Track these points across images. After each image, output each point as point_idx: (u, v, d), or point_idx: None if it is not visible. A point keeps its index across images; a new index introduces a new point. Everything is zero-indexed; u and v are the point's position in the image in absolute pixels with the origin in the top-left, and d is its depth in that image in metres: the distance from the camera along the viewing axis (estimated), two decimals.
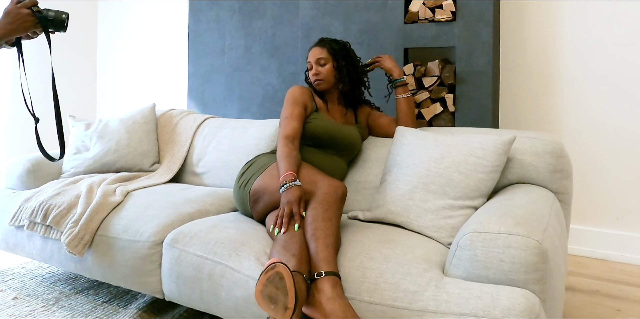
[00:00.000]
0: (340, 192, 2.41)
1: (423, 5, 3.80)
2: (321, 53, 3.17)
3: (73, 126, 4.02)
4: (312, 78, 3.20)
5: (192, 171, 3.90)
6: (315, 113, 3.12)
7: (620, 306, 3.09)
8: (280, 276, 1.82)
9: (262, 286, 1.87)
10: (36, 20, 2.35)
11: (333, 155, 3.07)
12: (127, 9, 6.54)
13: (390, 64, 3.29)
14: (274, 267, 1.86)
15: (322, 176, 2.54)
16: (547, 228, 1.98)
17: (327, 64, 3.17)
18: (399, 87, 3.24)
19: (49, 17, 2.36)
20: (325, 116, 3.15)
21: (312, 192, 2.44)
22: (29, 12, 2.32)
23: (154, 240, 2.69)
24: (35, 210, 3.13)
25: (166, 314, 2.96)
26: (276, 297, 1.81)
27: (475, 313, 1.75)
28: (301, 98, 3.09)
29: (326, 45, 3.21)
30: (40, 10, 2.35)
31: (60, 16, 2.38)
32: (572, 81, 4.01)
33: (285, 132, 2.89)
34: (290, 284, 1.79)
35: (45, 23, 2.36)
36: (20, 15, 2.31)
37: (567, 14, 4.00)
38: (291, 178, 2.53)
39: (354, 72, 3.24)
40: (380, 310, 1.93)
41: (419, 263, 2.06)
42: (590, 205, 3.99)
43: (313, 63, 3.18)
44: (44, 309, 3.03)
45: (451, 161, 2.53)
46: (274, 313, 1.81)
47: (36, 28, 2.38)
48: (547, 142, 2.68)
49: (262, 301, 1.86)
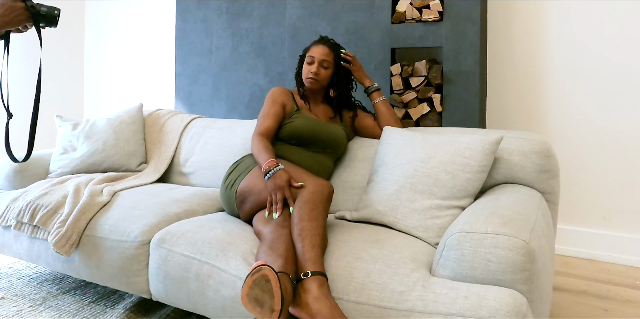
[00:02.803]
0: (326, 191, 2.41)
1: (410, 5, 3.79)
2: (328, 56, 3.16)
3: (60, 126, 4.00)
4: (309, 75, 3.16)
5: (179, 171, 3.88)
6: (296, 112, 3.13)
7: (607, 306, 3.10)
8: (267, 279, 1.81)
9: (249, 289, 1.86)
10: (29, 15, 2.31)
11: (318, 154, 3.07)
12: (115, 8, 6.51)
13: (360, 74, 3.30)
14: (259, 270, 1.85)
15: (308, 176, 2.54)
16: (534, 228, 1.97)
17: (329, 69, 3.19)
18: (373, 93, 3.26)
19: (41, 12, 2.33)
20: (307, 114, 3.17)
21: (296, 191, 2.44)
22: (24, 5, 2.29)
23: (141, 240, 2.68)
24: (23, 210, 3.11)
25: (153, 314, 2.95)
26: (262, 299, 1.81)
27: (462, 313, 1.74)
28: (280, 98, 3.15)
29: (334, 49, 3.21)
30: (34, 5, 2.32)
31: (52, 11, 2.36)
32: (559, 81, 4.02)
33: (258, 130, 3.00)
34: (277, 287, 1.78)
35: (38, 18, 2.34)
36: (14, 9, 2.27)
37: (553, 14, 4.01)
38: (274, 164, 2.60)
39: (347, 80, 3.29)
40: (368, 310, 1.92)
41: (406, 263, 2.05)
42: (578, 205, 4.00)
43: (316, 61, 3.15)
44: (31, 309, 3.01)
45: (438, 161, 2.52)
46: (261, 316, 1.80)
47: (28, 22, 2.35)
48: (534, 142, 2.68)
49: (248, 303, 1.85)
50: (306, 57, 3.21)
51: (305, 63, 3.21)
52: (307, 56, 3.21)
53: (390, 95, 3.87)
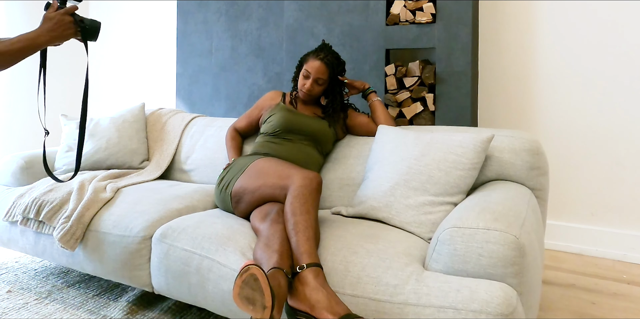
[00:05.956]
0: (314, 183, 2.40)
1: (404, 8, 3.79)
2: (324, 74, 3.15)
3: (65, 125, 3.99)
4: (303, 88, 3.19)
5: (180, 169, 3.88)
6: (277, 106, 3.30)
7: (595, 299, 3.10)
8: (255, 278, 1.81)
9: (239, 289, 1.86)
10: (78, 29, 2.26)
11: (303, 145, 3.10)
12: (117, 10, 6.49)
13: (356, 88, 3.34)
14: (247, 269, 1.85)
15: (296, 170, 2.53)
16: (524, 223, 1.98)
17: (323, 85, 3.20)
18: (369, 95, 3.30)
19: (86, 26, 2.27)
20: (288, 106, 3.28)
21: (287, 186, 2.44)
22: (72, 19, 2.23)
23: (143, 235, 2.68)
24: (29, 206, 3.11)
25: (155, 307, 2.95)
26: (253, 298, 1.81)
27: (454, 306, 1.74)
28: (265, 103, 3.46)
29: (330, 66, 3.17)
30: (82, 19, 2.26)
31: (95, 25, 2.30)
32: (548, 81, 4.02)
33: (234, 125, 3.62)
34: (265, 285, 1.78)
35: (84, 32, 2.28)
36: (63, 22, 2.21)
37: (543, 15, 4.01)
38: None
39: (340, 93, 3.31)
40: (363, 303, 1.93)
41: (400, 258, 2.05)
42: (566, 201, 4.01)
43: (312, 78, 3.15)
44: (37, 302, 3.01)
45: (431, 158, 2.52)
46: (254, 313, 1.80)
47: (76, 36, 2.29)
48: (524, 140, 2.69)
49: (240, 302, 1.85)
50: (303, 69, 3.21)
51: (302, 75, 3.21)
52: (304, 68, 3.20)
53: (385, 94, 3.87)
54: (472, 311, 1.70)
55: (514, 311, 1.71)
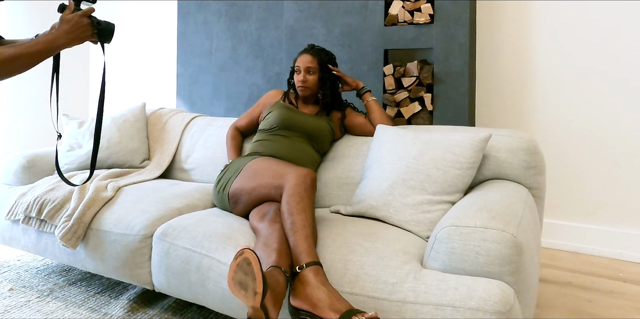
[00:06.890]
0: (308, 180, 2.39)
1: (402, 9, 3.79)
2: (312, 62, 3.19)
3: (66, 124, 4.00)
4: (298, 84, 3.21)
5: (180, 168, 3.88)
6: (276, 103, 3.32)
7: (591, 297, 3.10)
8: (248, 262, 1.79)
9: (233, 273, 1.84)
10: (95, 31, 2.24)
11: (300, 143, 3.10)
12: (118, 11, 6.49)
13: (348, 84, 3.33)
14: (241, 253, 1.84)
15: (290, 169, 2.52)
16: (521, 222, 1.98)
17: (315, 73, 3.21)
18: (364, 94, 3.28)
19: (102, 28, 2.25)
20: (286, 104, 3.29)
21: (281, 186, 2.44)
22: (89, 22, 2.20)
23: (144, 233, 2.68)
24: (30, 204, 3.11)
25: (156, 304, 2.94)
26: (246, 283, 1.79)
27: (452, 304, 1.75)
28: (267, 101, 3.47)
29: (317, 55, 3.22)
30: (100, 21, 2.23)
31: (110, 27, 2.28)
32: (545, 81, 4.02)
33: (235, 123, 3.60)
34: (257, 269, 1.76)
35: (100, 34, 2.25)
36: (80, 25, 2.17)
37: (541, 16, 4.01)
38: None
39: (334, 84, 3.31)
40: (361, 301, 1.93)
41: (399, 256, 2.05)
42: (563, 200, 4.01)
43: (302, 70, 3.19)
44: (39, 300, 3.01)
45: (429, 158, 2.52)
46: (246, 300, 1.78)
47: (92, 38, 2.26)
48: (521, 139, 2.69)
49: (234, 287, 1.84)
50: (294, 67, 3.26)
51: (295, 73, 3.26)
52: (295, 66, 3.25)
53: (383, 94, 3.87)
54: (470, 308, 1.71)
55: (511, 308, 1.71)
